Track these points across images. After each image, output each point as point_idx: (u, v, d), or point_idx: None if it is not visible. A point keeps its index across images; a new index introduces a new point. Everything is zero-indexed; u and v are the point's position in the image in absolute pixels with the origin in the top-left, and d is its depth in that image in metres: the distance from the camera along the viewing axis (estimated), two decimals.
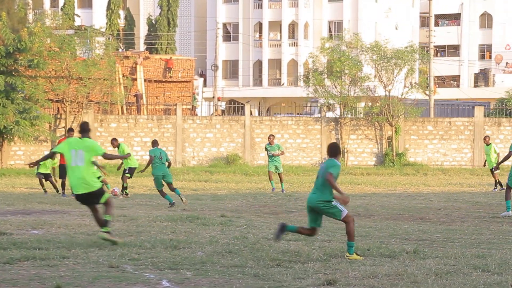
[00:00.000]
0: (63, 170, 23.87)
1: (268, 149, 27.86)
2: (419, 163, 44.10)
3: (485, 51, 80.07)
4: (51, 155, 14.80)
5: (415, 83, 49.33)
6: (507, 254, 12.36)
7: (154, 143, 22.07)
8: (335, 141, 44.30)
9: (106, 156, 13.13)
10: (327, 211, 11.83)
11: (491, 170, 29.27)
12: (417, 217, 18.86)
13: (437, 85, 70.37)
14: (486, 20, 79.87)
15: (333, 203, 11.78)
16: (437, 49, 72.07)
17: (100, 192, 12.87)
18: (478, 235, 15.18)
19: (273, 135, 29.00)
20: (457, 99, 69.07)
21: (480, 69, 77.99)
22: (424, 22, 75.82)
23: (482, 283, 9.90)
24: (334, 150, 12.09)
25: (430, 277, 10.25)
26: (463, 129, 45.53)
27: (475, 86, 76.05)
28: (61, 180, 24.56)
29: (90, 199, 12.90)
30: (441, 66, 71.04)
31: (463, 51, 79.17)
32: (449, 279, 10.14)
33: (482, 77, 76.07)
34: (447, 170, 42.47)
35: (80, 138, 12.93)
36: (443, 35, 76.16)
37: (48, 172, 25.25)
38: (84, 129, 12.91)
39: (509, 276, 10.31)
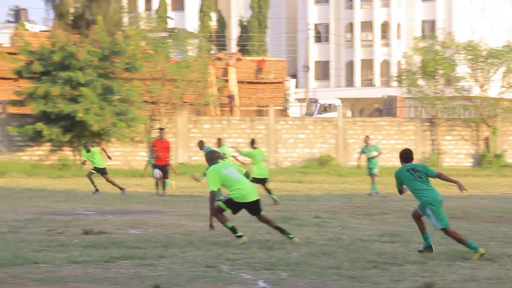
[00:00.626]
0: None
1: (365, 151, 26.99)
2: None
3: None
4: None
5: None
6: None
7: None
8: (429, 142, 43.74)
9: None
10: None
11: None
12: None
13: None
14: None
15: None
16: None
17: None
18: None
19: (368, 136, 28.25)
20: None
21: None
22: None
23: None
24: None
25: None
26: None
27: None
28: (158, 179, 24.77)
29: (257, 206, 13.23)
30: None
31: None
32: None
33: None
34: None
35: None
36: None
37: (104, 167, 25.63)
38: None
39: None
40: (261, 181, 21.60)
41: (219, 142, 24.75)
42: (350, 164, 42.79)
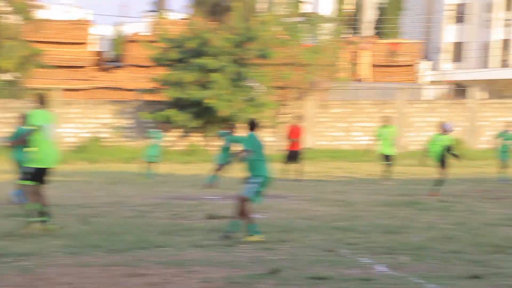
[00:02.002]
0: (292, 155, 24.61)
1: (504, 136, 25.33)
2: None
3: None
4: None
5: None
6: None
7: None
8: None
9: None
10: None
11: None
12: None
13: None
14: None
15: None
16: None
17: None
18: None
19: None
20: None
21: None
22: None
23: None
24: None
25: None
26: None
27: None
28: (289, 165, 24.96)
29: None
30: None
31: None
32: None
33: None
34: None
35: None
36: None
37: None
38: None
39: None
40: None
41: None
42: (480, 147, 41.76)
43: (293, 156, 24.72)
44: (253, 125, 12.44)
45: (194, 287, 8.74)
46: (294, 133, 25.08)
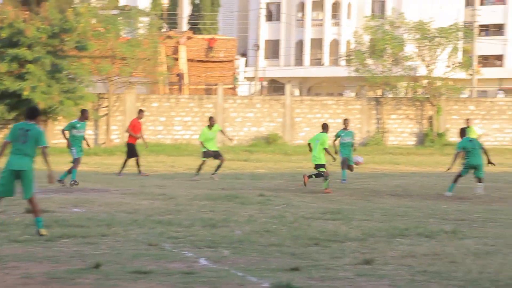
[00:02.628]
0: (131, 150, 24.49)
1: (342, 135, 24.03)
2: None
3: None
4: None
5: (458, 62, 48.87)
6: None
7: None
8: (374, 120, 44.14)
9: None
10: None
11: None
12: (457, 197, 18.74)
13: (480, 65, 69.58)
14: None
15: None
16: (481, 28, 71.16)
17: None
18: None
19: (347, 119, 25.38)
20: (500, 79, 68.36)
21: None
22: (469, 1, 74.81)
23: None
24: None
25: (468, 257, 10.21)
26: (505, 109, 45.05)
27: None
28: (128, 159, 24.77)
29: None
30: (484, 46, 70.17)
31: (508, 30, 78.05)
32: (487, 259, 10.09)
33: None
34: (488, 150, 42.00)
35: None
36: (488, 14, 75.10)
37: None
38: None
39: None
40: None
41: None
42: (296, 143, 43.05)
43: (133, 149, 24.66)
44: (29, 114, 11.73)
45: (13, 283, 8.49)
46: (135, 127, 25.06)
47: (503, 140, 44.59)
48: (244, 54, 73.36)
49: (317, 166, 20.11)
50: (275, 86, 53.32)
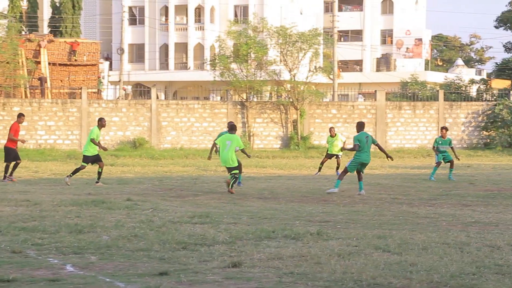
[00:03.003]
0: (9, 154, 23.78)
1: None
2: (324, 146, 44.69)
3: (386, 36, 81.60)
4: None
5: (320, 67, 49.97)
6: (407, 234, 12.71)
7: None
8: (240, 124, 44.57)
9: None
10: None
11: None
12: (321, 199, 19.17)
13: (340, 70, 71.37)
14: (387, 6, 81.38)
15: None
16: (341, 34, 73.00)
17: None
18: (380, 216, 15.54)
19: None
20: (360, 84, 70.37)
21: (382, 54, 79.48)
22: (328, 7, 76.63)
23: (382, 263, 10.16)
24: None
25: (333, 258, 10.45)
26: (365, 112, 46.39)
27: (377, 70, 77.49)
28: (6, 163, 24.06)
29: None
30: (344, 51, 72.06)
31: (366, 36, 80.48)
32: (351, 260, 10.35)
33: (384, 62, 77.58)
34: (350, 153, 43.16)
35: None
36: (346, 20, 77.20)
37: None
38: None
39: (408, 256, 10.61)
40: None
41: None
42: (163, 147, 42.93)
43: (12, 153, 23.99)
44: None
45: None
46: (16, 132, 24.44)
47: None
48: (108, 58, 72.52)
49: (230, 169, 19.96)
50: (141, 91, 52.91)
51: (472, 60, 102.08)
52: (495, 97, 49.92)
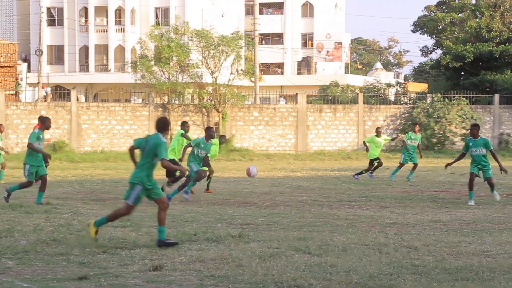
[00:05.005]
0: None
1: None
2: (245, 149, 44.92)
3: (307, 40, 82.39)
4: None
5: (241, 70, 50.12)
6: (327, 236, 12.86)
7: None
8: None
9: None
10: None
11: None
12: (243, 202, 19.24)
13: (262, 72, 71.74)
14: (307, 10, 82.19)
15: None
16: (262, 37, 73.38)
17: None
18: (300, 218, 15.69)
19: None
20: (281, 86, 70.83)
21: (302, 57, 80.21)
22: (249, 11, 76.95)
23: (303, 264, 10.26)
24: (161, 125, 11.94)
25: (254, 260, 10.50)
26: (287, 115, 46.73)
27: (298, 73, 78.16)
28: None
29: None
30: (266, 54, 72.45)
31: (287, 39, 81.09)
32: (272, 262, 10.43)
33: (305, 65, 78.30)
34: (272, 155, 43.49)
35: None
36: (267, 23, 77.68)
37: None
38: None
39: (328, 257, 10.74)
40: None
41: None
42: (83, 150, 42.44)
43: None
44: None
45: None
46: None
47: (285, 145, 46.22)
48: (26, 59, 71.29)
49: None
50: (61, 93, 52.20)
51: (391, 63, 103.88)
52: (412, 100, 50.86)
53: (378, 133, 27.46)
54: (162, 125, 11.86)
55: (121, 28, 72.96)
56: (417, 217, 16.11)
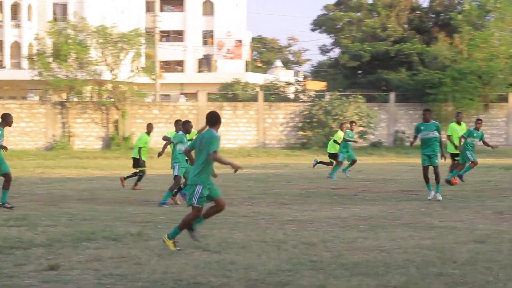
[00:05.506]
0: None
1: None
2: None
3: (208, 37, 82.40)
4: None
5: (141, 67, 49.77)
6: (227, 233, 12.92)
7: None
8: (60, 125, 43.67)
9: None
10: None
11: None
12: (143, 200, 19.13)
13: (163, 70, 71.39)
14: (208, 7, 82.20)
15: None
16: (162, 34, 73.04)
17: None
18: None
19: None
20: (182, 84, 70.68)
21: (203, 55, 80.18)
22: (149, 7, 76.44)
23: (202, 262, 10.28)
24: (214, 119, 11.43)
25: (153, 258, 10.47)
26: (187, 112, 46.65)
27: (199, 71, 78.09)
28: None
29: None
30: (166, 51, 72.12)
31: (187, 37, 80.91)
32: (171, 260, 10.41)
33: (206, 63, 78.28)
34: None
35: None
36: (168, 20, 77.32)
37: None
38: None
39: (227, 254, 10.79)
40: None
41: None
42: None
43: None
44: None
45: None
46: None
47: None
48: None
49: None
50: None
51: (290, 62, 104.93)
52: (311, 98, 51.51)
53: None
54: (214, 120, 11.42)
55: (17, 24, 71.39)
56: (315, 213, 16.32)
